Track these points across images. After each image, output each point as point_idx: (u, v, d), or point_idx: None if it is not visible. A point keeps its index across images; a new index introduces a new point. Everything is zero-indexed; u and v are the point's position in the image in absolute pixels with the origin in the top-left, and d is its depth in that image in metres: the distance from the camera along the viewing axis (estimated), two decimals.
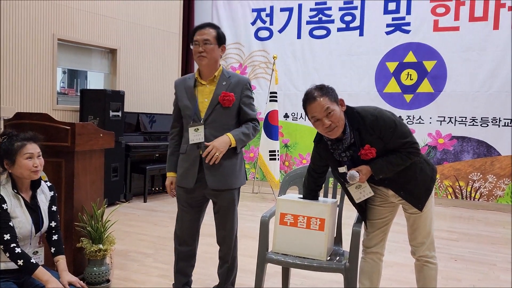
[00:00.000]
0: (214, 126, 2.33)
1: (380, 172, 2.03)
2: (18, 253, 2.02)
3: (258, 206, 5.48)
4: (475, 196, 5.75)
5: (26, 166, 2.09)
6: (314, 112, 1.99)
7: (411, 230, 2.20)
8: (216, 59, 2.35)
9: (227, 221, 2.43)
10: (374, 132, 1.99)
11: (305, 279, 2.97)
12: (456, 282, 3.04)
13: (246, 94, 2.39)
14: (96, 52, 5.87)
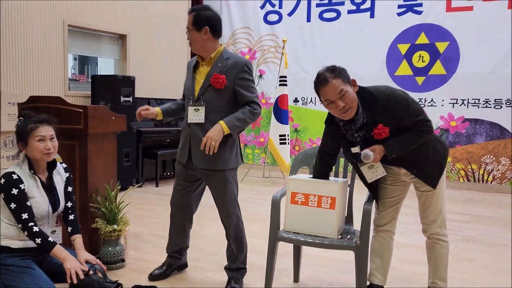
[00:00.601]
0: (207, 108, 2.36)
1: (393, 151, 2.02)
2: (36, 232, 2.07)
3: (269, 190, 5.51)
4: (488, 179, 5.71)
5: (37, 148, 2.12)
6: (327, 94, 1.98)
7: (423, 208, 2.20)
8: (202, 43, 2.34)
9: (223, 203, 2.48)
10: (386, 111, 1.98)
11: (316, 258, 3.00)
12: (467, 262, 3.04)
13: (241, 77, 2.35)
14: (106, 38, 5.89)
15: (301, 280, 2.65)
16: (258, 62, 7.10)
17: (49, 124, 2.21)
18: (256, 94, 2.42)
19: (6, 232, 2.12)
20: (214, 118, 2.35)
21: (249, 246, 3.25)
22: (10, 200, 2.06)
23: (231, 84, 2.34)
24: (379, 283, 2.30)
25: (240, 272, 2.55)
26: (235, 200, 2.51)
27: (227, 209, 2.49)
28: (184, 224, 2.65)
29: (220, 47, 2.42)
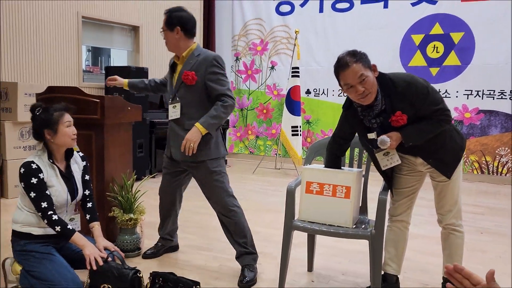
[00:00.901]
0: (182, 103, 2.48)
1: (410, 139, 2.01)
2: (55, 220, 2.12)
3: (281, 182, 5.52)
4: (502, 171, 5.65)
5: (67, 133, 2.17)
6: (347, 79, 1.96)
7: (439, 198, 2.19)
8: (175, 42, 2.48)
9: (210, 193, 2.54)
10: (406, 98, 1.96)
11: (330, 249, 3.02)
12: (481, 253, 3.03)
13: (211, 71, 2.42)
14: (119, 29, 5.92)
15: (315, 269, 2.67)
16: (270, 53, 7.07)
17: (69, 112, 2.26)
18: (227, 86, 2.46)
19: (27, 220, 2.18)
20: (190, 113, 2.48)
21: (264, 236, 3.30)
22: (30, 189, 2.11)
23: (201, 79, 2.43)
24: (393, 272, 2.31)
25: (251, 257, 2.55)
26: (223, 189, 2.53)
27: (215, 199, 2.55)
28: (173, 208, 2.82)
29: (193, 45, 2.52)
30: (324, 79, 6.65)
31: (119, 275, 2.03)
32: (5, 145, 4.17)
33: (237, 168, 6.48)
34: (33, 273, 2.12)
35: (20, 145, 4.29)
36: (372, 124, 2.07)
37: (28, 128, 4.32)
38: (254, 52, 7.19)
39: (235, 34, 7.34)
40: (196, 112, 2.46)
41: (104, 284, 2.05)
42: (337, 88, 6.57)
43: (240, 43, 7.30)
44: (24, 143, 4.31)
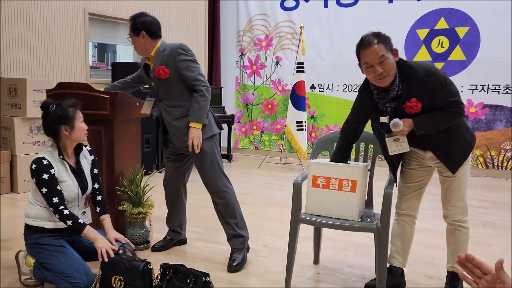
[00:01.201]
0: (166, 99, 2.63)
1: (422, 127, 2.01)
2: (66, 215, 2.16)
3: (286, 176, 5.56)
4: (507, 166, 5.66)
5: (82, 129, 2.23)
6: (367, 58, 1.98)
7: (445, 193, 2.22)
8: (142, 46, 2.61)
9: (206, 171, 2.63)
10: (423, 86, 1.97)
11: (335, 242, 3.06)
12: (486, 247, 3.06)
13: (179, 59, 2.55)
14: (125, 25, 5.95)
15: (321, 262, 2.71)
16: (274, 49, 7.09)
17: (77, 108, 2.30)
18: (197, 71, 2.59)
19: (39, 214, 2.23)
20: (173, 103, 2.61)
21: (270, 230, 3.34)
22: (42, 184, 2.16)
23: (174, 70, 2.55)
24: (399, 265, 2.34)
25: (239, 240, 2.65)
26: (217, 170, 2.64)
27: (211, 181, 2.65)
28: (179, 198, 2.89)
29: (158, 43, 2.63)
30: (328, 74, 6.66)
31: (130, 267, 2.08)
32: (14, 140, 4.24)
33: (243, 163, 6.52)
34: (46, 265, 2.18)
35: (30, 141, 4.35)
36: (386, 108, 2.08)
37: (38, 123, 4.38)
38: (259, 47, 7.21)
39: (240, 30, 7.35)
40: (179, 101, 2.61)
41: (115, 275, 2.10)
42: (341, 83, 6.58)
43: (245, 38, 7.31)
44: (33, 138, 4.37)
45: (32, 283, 2.26)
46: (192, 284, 1.90)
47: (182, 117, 2.59)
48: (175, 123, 2.62)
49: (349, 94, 6.53)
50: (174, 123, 2.62)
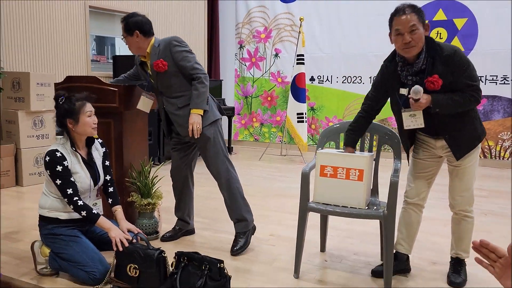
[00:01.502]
0: (167, 92, 2.69)
1: (438, 104, 2.05)
2: (81, 205, 2.21)
3: (287, 168, 5.62)
4: (505, 155, 5.75)
5: (88, 123, 2.26)
6: (399, 25, 2.04)
7: (453, 183, 2.29)
8: (136, 45, 2.67)
9: (209, 156, 2.71)
10: (447, 64, 2.03)
11: (341, 231, 3.13)
12: (486, 233, 3.14)
13: (175, 51, 2.63)
14: None
15: (328, 250, 2.78)
16: (274, 41, 7.11)
17: (90, 101, 2.34)
18: (194, 60, 2.68)
19: (54, 205, 2.28)
20: (175, 94, 2.68)
21: (274, 219, 3.41)
22: (55, 176, 2.20)
23: (171, 62, 2.63)
24: (404, 251, 2.42)
25: (243, 224, 2.75)
26: (220, 154, 2.72)
27: (214, 165, 2.73)
28: (186, 186, 2.94)
29: (151, 40, 2.69)
30: (328, 66, 6.70)
31: (145, 256, 2.13)
32: (18, 134, 4.26)
33: (243, 155, 6.58)
34: (61, 255, 2.23)
35: (33, 134, 4.37)
36: (407, 81, 2.13)
37: (41, 117, 4.40)
38: (258, 39, 7.23)
39: (239, 22, 7.36)
40: (180, 91, 2.68)
41: (130, 264, 2.16)
42: (341, 75, 6.63)
43: (244, 30, 7.33)
44: (37, 132, 4.40)
45: (48, 272, 2.31)
46: (207, 270, 1.96)
47: (185, 106, 2.66)
48: (178, 112, 2.68)
49: (348, 86, 6.58)
50: (178, 113, 2.68)
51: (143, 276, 2.13)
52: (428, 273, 2.47)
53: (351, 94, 6.59)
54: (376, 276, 2.39)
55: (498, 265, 1.03)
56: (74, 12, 5.17)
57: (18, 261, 2.52)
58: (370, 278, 2.40)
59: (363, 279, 2.38)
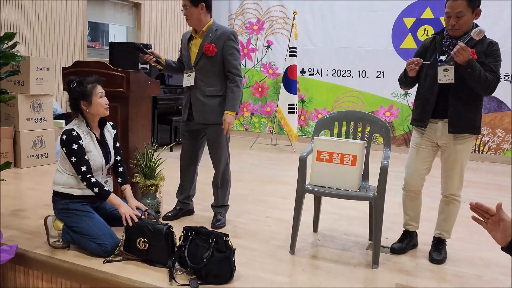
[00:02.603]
0: (201, 72, 2.80)
1: (472, 66, 2.27)
2: (93, 182, 2.36)
3: (278, 157, 5.82)
4: (484, 149, 6.05)
5: (100, 104, 2.40)
6: (449, 8, 2.34)
7: (446, 171, 2.55)
8: (198, 17, 2.76)
9: (218, 148, 2.90)
10: (486, 49, 2.35)
11: (331, 214, 3.34)
12: (466, 219, 3.34)
13: (228, 44, 2.77)
14: (119, 6, 6.02)
15: (320, 230, 2.98)
16: (266, 33, 7.26)
17: (100, 84, 2.47)
18: (239, 61, 2.83)
19: (68, 182, 2.42)
20: (209, 81, 2.81)
21: (270, 204, 3.61)
22: (71, 154, 2.34)
23: (220, 51, 2.78)
24: (414, 229, 2.72)
25: (224, 208, 3.04)
26: (226, 146, 2.95)
27: (219, 157, 2.93)
28: (193, 173, 3.11)
29: (210, 21, 2.82)
30: (319, 59, 6.89)
31: (154, 230, 2.29)
32: (17, 117, 4.34)
33: (235, 144, 6.73)
34: (75, 228, 2.38)
35: (32, 117, 4.45)
36: (448, 48, 2.40)
37: (40, 100, 4.48)
38: (251, 31, 7.36)
39: (232, 13, 7.48)
40: (214, 80, 2.81)
41: (140, 238, 2.32)
42: (331, 68, 6.83)
43: (237, 22, 7.45)
44: (35, 115, 4.48)
45: (60, 245, 2.45)
46: (214, 243, 2.14)
47: (211, 96, 2.80)
48: (203, 100, 2.80)
49: (338, 79, 6.79)
50: (203, 99, 2.81)
51: (152, 249, 2.29)
52: (412, 252, 2.69)
53: (340, 87, 6.80)
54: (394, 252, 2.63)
55: (490, 221, 1.32)
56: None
57: (29, 236, 2.65)
58: (359, 255, 2.62)
59: (352, 256, 2.60)
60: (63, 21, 5.18)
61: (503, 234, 1.28)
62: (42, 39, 5.00)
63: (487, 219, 1.33)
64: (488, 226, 1.32)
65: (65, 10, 5.19)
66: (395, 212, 3.33)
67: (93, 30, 6.17)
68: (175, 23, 6.76)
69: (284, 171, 4.95)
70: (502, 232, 1.29)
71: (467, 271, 2.46)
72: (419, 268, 2.46)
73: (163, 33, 6.55)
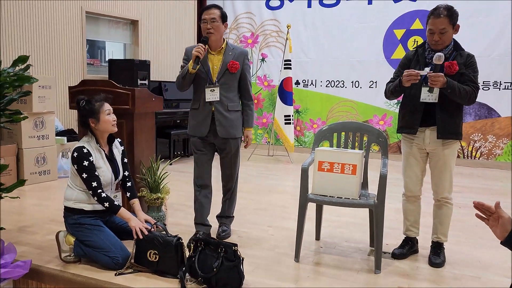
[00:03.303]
0: (224, 87, 2.86)
1: (451, 86, 2.45)
2: (104, 197, 2.45)
3: (275, 167, 5.92)
4: (476, 155, 6.21)
5: (108, 121, 2.49)
6: (432, 25, 2.50)
7: (436, 177, 2.68)
8: (221, 34, 2.89)
9: (235, 162, 3.01)
10: (465, 61, 2.55)
11: (331, 222, 3.43)
12: (461, 223, 3.52)
13: (246, 63, 2.96)
14: (118, 23, 6.14)
15: (322, 238, 3.08)
16: (260, 46, 7.41)
17: (108, 101, 2.57)
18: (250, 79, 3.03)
19: (79, 197, 2.50)
20: (230, 96, 2.91)
21: (271, 212, 3.69)
22: (82, 170, 2.43)
23: (240, 68, 2.92)
24: (414, 235, 2.82)
25: (230, 219, 3.14)
26: (239, 162, 3.07)
27: (234, 170, 3.03)
28: (211, 191, 3.03)
29: (225, 40, 2.95)
30: (312, 71, 7.05)
31: (164, 242, 2.37)
32: (20, 134, 4.40)
33: None
34: (86, 242, 2.45)
35: (35, 135, 4.52)
36: (431, 61, 2.53)
37: (42, 118, 4.56)
38: (245, 44, 7.51)
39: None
40: (233, 95, 2.92)
41: (150, 250, 2.39)
42: (325, 79, 6.98)
43: (232, 36, 7.60)
44: (38, 132, 4.55)
45: (71, 260, 2.52)
46: (223, 252, 2.22)
47: (233, 110, 2.90)
48: (226, 114, 2.87)
49: (331, 89, 6.94)
50: (226, 114, 2.87)
51: (162, 260, 2.37)
52: (412, 257, 2.79)
53: (334, 98, 6.95)
54: (395, 258, 2.73)
55: (491, 218, 1.46)
56: (71, 18, 5.34)
57: (40, 251, 2.71)
58: (361, 260, 2.71)
59: (355, 261, 2.69)
60: (63, 40, 5.29)
61: (502, 229, 1.42)
62: (42, 58, 5.09)
63: (489, 216, 1.46)
64: (490, 223, 1.46)
65: (65, 29, 5.30)
66: (393, 219, 3.44)
67: (91, 48, 6.28)
68: (172, 39, 6.90)
69: (282, 181, 5.05)
70: (501, 227, 1.42)
71: (466, 273, 2.56)
72: (419, 272, 2.57)
73: (160, 49, 6.68)
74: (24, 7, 4.87)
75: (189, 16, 7.32)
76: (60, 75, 5.26)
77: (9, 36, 4.74)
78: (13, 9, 4.77)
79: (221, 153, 3.01)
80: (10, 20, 4.76)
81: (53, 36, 5.18)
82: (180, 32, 7.12)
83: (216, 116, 2.87)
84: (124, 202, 2.79)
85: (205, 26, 2.81)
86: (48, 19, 5.12)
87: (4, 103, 2.31)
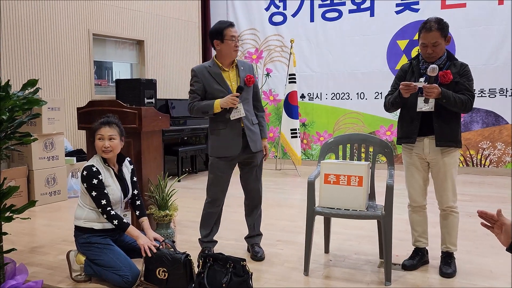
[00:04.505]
0: (245, 103, 2.84)
1: (446, 96, 2.48)
2: (113, 215, 2.48)
3: (284, 181, 5.92)
4: (485, 163, 6.16)
5: (97, 145, 2.54)
6: (425, 39, 2.52)
7: (439, 187, 2.68)
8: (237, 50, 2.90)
9: (261, 174, 3.05)
10: (459, 70, 2.57)
11: (339, 234, 3.42)
12: (471, 232, 3.48)
13: (255, 75, 3.03)
14: (124, 44, 6.26)
15: (331, 251, 3.07)
16: (265, 61, 7.49)
17: (109, 126, 2.59)
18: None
19: (89, 216, 2.53)
20: (250, 110, 2.92)
21: (279, 226, 3.69)
22: (92, 189, 2.46)
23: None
24: (424, 245, 2.80)
25: (259, 237, 3.09)
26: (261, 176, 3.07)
27: (260, 184, 3.04)
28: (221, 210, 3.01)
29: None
30: (317, 84, 7.10)
31: (172, 259, 2.39)
32: (31, 156, 4.48)
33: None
34: (97, 261, 2.47)
35: (45, 156, 4.60)
36: (426, 71, 2.55)
37: (52, 139, 4.64)
38: (250, 60, 7.59)
39: None
40: (251, 109, 2.93)
41: (159, 267, 2.41)
42: (330, 92, 7.02)
43: None
44: (48, 153, 4.62)
45: (82, 279, 2.54)
46: (231, 268, 2.23)
47: (255, 124, 2.93)
48: (252, 128, 2.88)
49: (337, 102, 6.97)
50: (252, 128, 2.87)
51: (172, 277, 2.38)
52: (422, 267, 2.77)
53: (340, 110, 6.97)
54: (405, 269, 2.71)
55: (496, 226, 1.49)
56: (79, 40, 5.47)
57: (51, 271, 2.74)
58: (371, 273, 2.70)
59: (365, 274, 2.68)
60: (71, 62, 5.41)
61: (506, 236, 1.44)
62: (51, 80, 5.20)
63: (494, 223, 1.49)
64: (494, 231, 1.48)
65: (73, 51, 5.42)
66: (402, 229, 3.42)
67: (98, 68, 6.40)
68: (177, 57, 7.01)
69: (290, 194, 5.05)
70: (505, 234, 1.44)
71: (478, 283, 2.53)
72: (430, 283, 2.54)
73: (166, 68, 6.78)
74: (33, 31, 5.00)
75: (193, 34, 7.44)
76: (68, 96, 5.36)
77: (16, 60, 4.86)
78: (23, 32, 4.90)
79: (245, 168, 2.94)
80: (19, 43, 4.88)
81: (61, 59, 5.30)
82: (185, 50, 7.24)
83: (246, 132, 2.82)
84: (134, 220, 2.82)
85: (234, 43, 2.76)
86: (56, 42, 5.24)
87: (15, 126, 2.36)
